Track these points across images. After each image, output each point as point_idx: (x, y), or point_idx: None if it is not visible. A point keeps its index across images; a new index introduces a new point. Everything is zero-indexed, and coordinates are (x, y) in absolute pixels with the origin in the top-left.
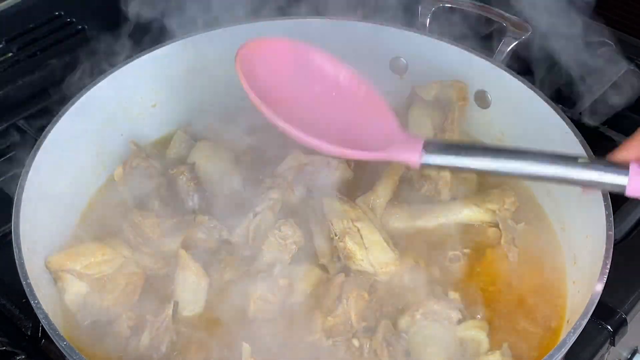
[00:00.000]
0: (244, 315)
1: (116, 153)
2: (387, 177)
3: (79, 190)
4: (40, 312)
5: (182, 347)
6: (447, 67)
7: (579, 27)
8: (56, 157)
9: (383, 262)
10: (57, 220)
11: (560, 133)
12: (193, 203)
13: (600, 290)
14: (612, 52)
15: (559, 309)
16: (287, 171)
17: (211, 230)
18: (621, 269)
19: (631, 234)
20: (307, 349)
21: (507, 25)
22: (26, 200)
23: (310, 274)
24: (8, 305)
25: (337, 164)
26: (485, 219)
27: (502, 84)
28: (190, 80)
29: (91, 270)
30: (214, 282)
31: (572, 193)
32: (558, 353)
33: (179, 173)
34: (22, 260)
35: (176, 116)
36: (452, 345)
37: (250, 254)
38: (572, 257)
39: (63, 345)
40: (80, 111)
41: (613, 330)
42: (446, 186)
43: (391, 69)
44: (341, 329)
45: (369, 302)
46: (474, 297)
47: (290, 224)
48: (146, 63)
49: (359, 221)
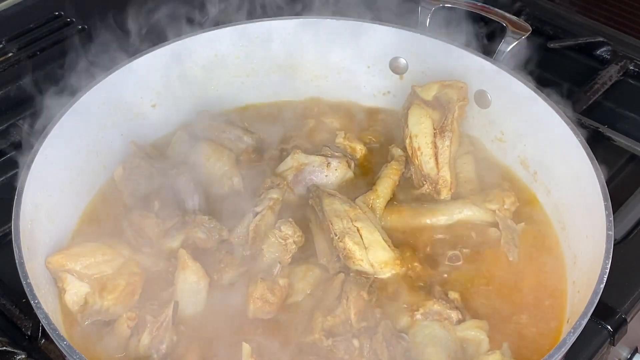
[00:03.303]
0: (244, 315)
1: (116, 153)
2: (387, 177)
3: (79, 190)
4: (40, 312)
5: (182, 347)
6: (447, 67)
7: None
8: (56, 157)
9: (382, 262)
10: (57, 220)
11: (560, 133)
12: (193, 203)
13: (600, 290)
14: (611, 52)
15: (559, 309)
16: (287, 171)
17: (211, 230)
18: (621, 269)
19: (631, 234)
20: (307, 349)
21: (507, 25)
22: (26, 200)
23: (310, 273)
24: (8, 305)
25: (337, 164)
26: (485, 219)
27: (502, 84)
28: (190, 80)
29: (91, 271)
30: (214, 282)
31: (572, 193)
32: (558, 353)
33: (179, 173)
34: (22, 260)
35: (176, 116)
36: (452, 345)
37: (250, 254)
38: (572, 257)
39: (63, 345)
40: (80, 111)
41: (613, 330)
42: (446, 186)
43: (391, 69)
44: (341, 329)
45: (369, 302)
46: (474, 297)
47: (290, 224)
48: (146, 63)
49: (358, 221)
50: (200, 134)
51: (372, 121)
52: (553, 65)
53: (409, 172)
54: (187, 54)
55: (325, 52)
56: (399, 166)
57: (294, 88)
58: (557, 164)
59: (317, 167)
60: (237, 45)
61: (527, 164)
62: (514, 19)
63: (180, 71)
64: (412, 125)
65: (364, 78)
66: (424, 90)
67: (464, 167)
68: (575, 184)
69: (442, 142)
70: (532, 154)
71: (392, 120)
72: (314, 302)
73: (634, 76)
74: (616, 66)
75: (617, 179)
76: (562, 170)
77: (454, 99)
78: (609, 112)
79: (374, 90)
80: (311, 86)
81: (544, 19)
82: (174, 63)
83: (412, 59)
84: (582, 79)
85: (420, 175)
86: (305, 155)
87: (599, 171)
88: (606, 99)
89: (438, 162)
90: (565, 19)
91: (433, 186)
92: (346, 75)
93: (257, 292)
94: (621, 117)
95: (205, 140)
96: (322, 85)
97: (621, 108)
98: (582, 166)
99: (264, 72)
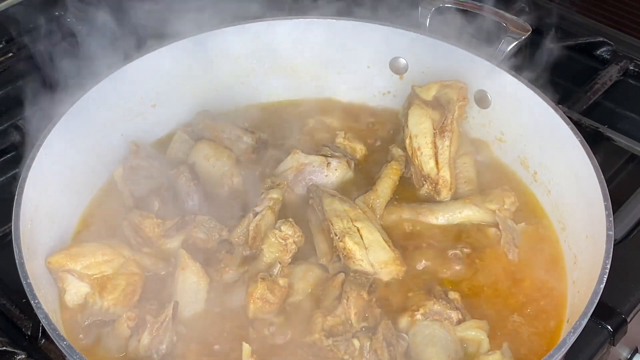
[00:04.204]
0: (244, 315)
1: (116, 153)
2: (387, 177)
3: (79, 190)
4: (40, 312)
5: (182, 347)
6: (447, 67)
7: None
8: (56, 157)
9: (382, 262)
10: (57, 221)
11: (560, 133)
12: (193, 203)
13: (600, 290)
14: (611, 52)
15: (559, 309)
16: (287, 171)
17: (211, 230)
18: (621, 269)
19: (631, 234)
20: (307, 349)
21: (507, 25)
22: (26, 200)
23: (310, 273)
24: (8, 305)
25: (337, 164)
26: (485, 219)
27: (502, 84)
28: (190, 80)
29: (91, 271)
30: (214, 282)
31: (572, 193)
32: (558, 353)
33: (179, 173)
34: (22, 260)
35: (176, 116)
36: (452, 345)
37: (250, 254)
38: (572, 257)
39: (63, 345)
40: (80, 111)
41: (613, 330)
42: (446, 186)
43: (391, 69)
44: (341, 329)
45: (369, 302)
46: (474, 297)
47: (290, 224)
48: (146, 63)
49: (358, 221)
50: (200, 134)
51: (372, 121)
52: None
53: (409, 172)
54: (187, 54)
55: (326, 52)
56: (399, 166)
57: (294, 88)
58: (557, 164)
59: (317, 167)
60: (237, 45)
61: (527, 164)
62: (514, 19)
63: (180, 71)
64: (412, 125)
65: (364, 78)
66: (424, 90)
67: (464, 167)
68: (575, 184)
69: (442, 142)
70: (532, 154)
71: (392, 120)
72: (314, 302)
73: (634, 76)
74: (616, 66)
75: (617, 179)
76: (562, 170)
77: (454, 99)
78: (609, 112)
79: (374, 90)
80: (311, 86)
81: (544, 19)
82: (174, 63)
83: (412, 59)
84: (582, 79)
85: (420, 175)
86: (305, 155)
87: (599, 171)
88: (606, 99)
89: (438, 162)
90: (565, 19)
91: (433, 186)
92: (346, 75)
93: (257, 292)
94: (621, 117)
95: (205, 140)
96: (322, 85)
97: (621, 108)
98: (582, 166)
99: (264, 72)
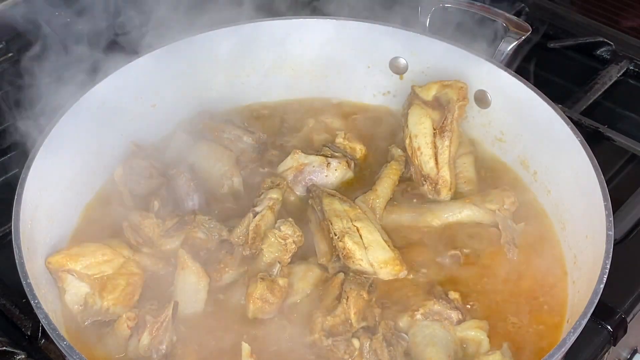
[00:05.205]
0: (244, 315)
1: (116, 153)
2: (387, 177)
3: (79, 190)
4: (40, 312)
5: (182, 347)
6: (447, 67)
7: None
8: (56, 157)
9: (382, 262)
10: (57, 220)
11: (560, 133)
12: (193, 203)
13: (600, 290)
14: (611, 52)
15: (559, 309)
16: (287, 171)
17: (211, 230)
18: (621, 269)
19: (631, 234)
20: (307, 349)
21: (507, 25)
22: (26, 200)
23: (310, 273)
24: (8, 305)
25: (337, 164)
26: (485, 219)
27: (502, 84)
28: (190, 80)
29: (91, 271)
30: (214, 282)
31: (572, 193)
32: (558, 353)
33: (178, 173)
34: (22, 260)
35: (176, 116)
36: (452, 345)
37: (250, 254)
38: (572, 257)
39: (63, 345)
40: (80, 111)
41: (613, 330)
42: (446, 186)
43: (391, 69)
44: (341, 329)
45: (369, 302)
46: (474, 297)
47: (290, 224)
48: (146, 63)
49: (358, 221)
50: (200, 134)
51: (371, 121)
52: (553, 65)
53: (409, 172)
54: (187, 54)
55: (326, 52)
56: (398, 166)
57: (294, 88)
58: (557, 164)
59: (317, 167)
60: (237, 45)
61: (527, 164)
62: (514, 19)
63: (181, 71)
64: (412, 125)
65: (364, 78)
66: (424, 90)
67: (464, 167)
68: (575, 184)
69: (441, 142)
70: (532, 154)
71: (392, 120)
72: (313, 302)
73: (634, 76)
74: (616, 66)
75: (617, 179)
76: (562, 170)
77: (453, 99)
78: (609, 112)
79: (374, 90)
80: (311, 86)
81: (544, 19)
82: (173, 63)
83: (412, 59)
84: (582, 79)
85: (420, 175)
86: (305, 155)
87: (599, 171)
88: (606, 99)
89: (438, 162)
90: (565, 19)
91: (433, 186)
92: (346, 75)
93: (257, 292)
94: (621, 117)
95: (205, 140)
96: (322, 85)
97: (621, 108)
98: (582, 166)
99: (264, 72)
